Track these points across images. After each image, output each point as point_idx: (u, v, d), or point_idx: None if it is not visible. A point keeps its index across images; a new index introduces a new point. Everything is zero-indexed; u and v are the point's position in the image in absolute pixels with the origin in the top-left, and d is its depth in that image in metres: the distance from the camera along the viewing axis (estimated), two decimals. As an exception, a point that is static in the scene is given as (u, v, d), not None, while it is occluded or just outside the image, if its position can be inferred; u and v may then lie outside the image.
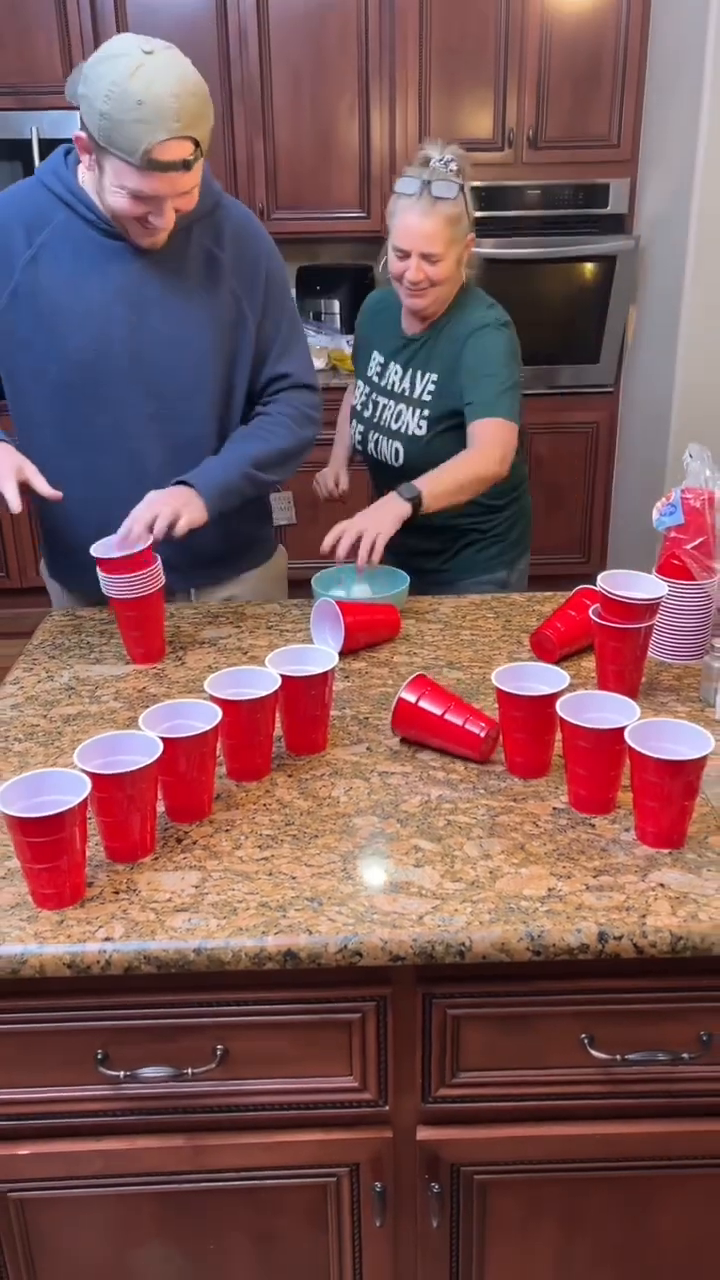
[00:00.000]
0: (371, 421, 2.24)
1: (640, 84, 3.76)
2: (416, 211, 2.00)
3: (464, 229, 2.05)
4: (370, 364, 2.27)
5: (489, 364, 2.07)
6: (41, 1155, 1.24)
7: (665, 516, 1.67)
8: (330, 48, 3.78)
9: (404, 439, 2.17)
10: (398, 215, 2.04)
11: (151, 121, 1.50)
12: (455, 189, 2.00)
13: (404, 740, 1.46)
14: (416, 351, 2.17)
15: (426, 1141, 1.26)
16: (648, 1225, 1.31)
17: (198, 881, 1.20)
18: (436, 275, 2.05)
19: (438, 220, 2.00)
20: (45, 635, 1.82)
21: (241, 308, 1.79)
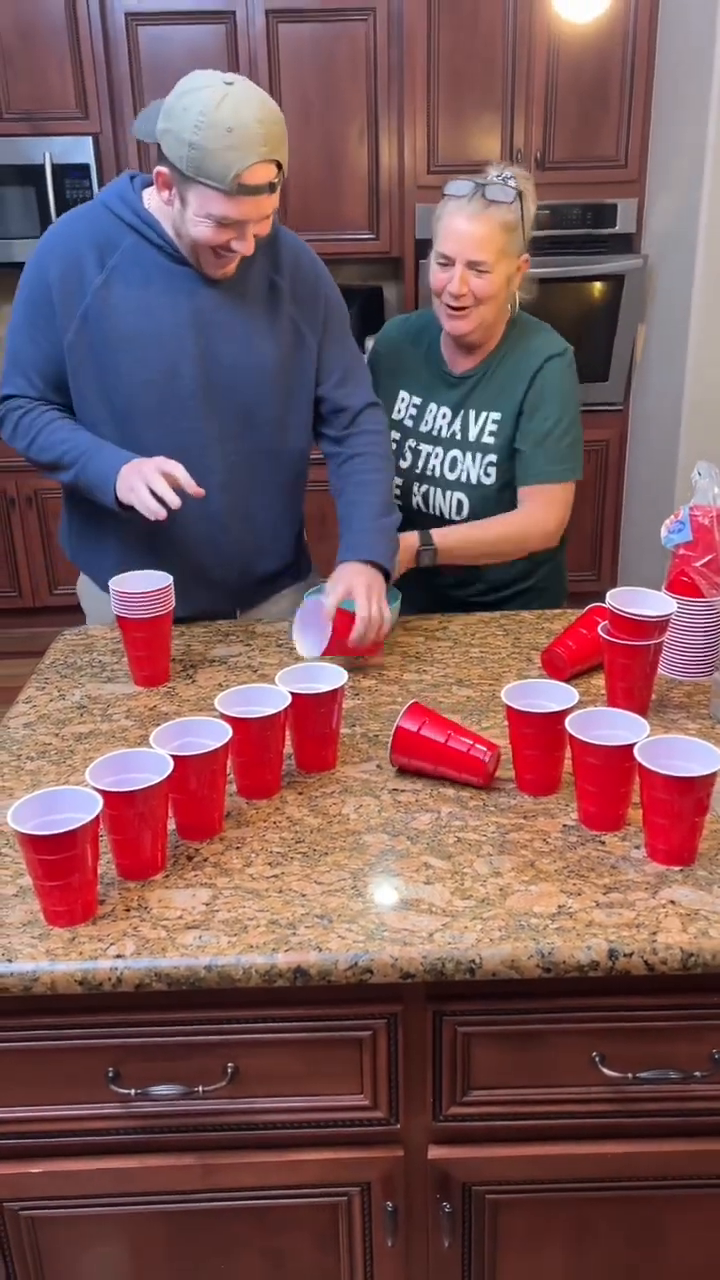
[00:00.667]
0: (414, 473, 2.01)
1: (647, 104, 3.79)
2: (466, 214, 1.81)
3: (518, 243, 1.85)
4: (399, 405, 2.03)
5: (555, 409, 1.90)
6: (53, 1174, 1.24)
7: (674, 534, 1.67)
8: (339, 74, 3.83)
9: (467, 489, 1.96)
10: (444, 218, 1.84)
11: (241, 148, 1.54)
12: (512, 194, 1.82)
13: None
14: (470, 391, 1.95)
15: (438, 1160, 1.25)
16: (660, 1246, 1.30)
17: (208, 899, 1.20)
18: (482, 290, 1.83)
19: (489, 224, 1.80)
20: (57, 655, 1.83)
21: (302, 332, 1.82)
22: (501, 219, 1.81)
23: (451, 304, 1.85)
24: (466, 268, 1.82)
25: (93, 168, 3.85)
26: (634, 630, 1.48)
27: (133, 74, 3.77)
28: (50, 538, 4.10)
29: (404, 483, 2.03)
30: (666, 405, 3.70)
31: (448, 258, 1.84)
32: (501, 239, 1.82)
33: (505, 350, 1.95)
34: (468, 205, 1.81)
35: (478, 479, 1.95)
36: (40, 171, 3.84)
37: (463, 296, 1.84)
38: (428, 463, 1.99)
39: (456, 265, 1.82)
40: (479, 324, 1.88)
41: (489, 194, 1.81)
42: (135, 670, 1.70)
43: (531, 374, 1.91)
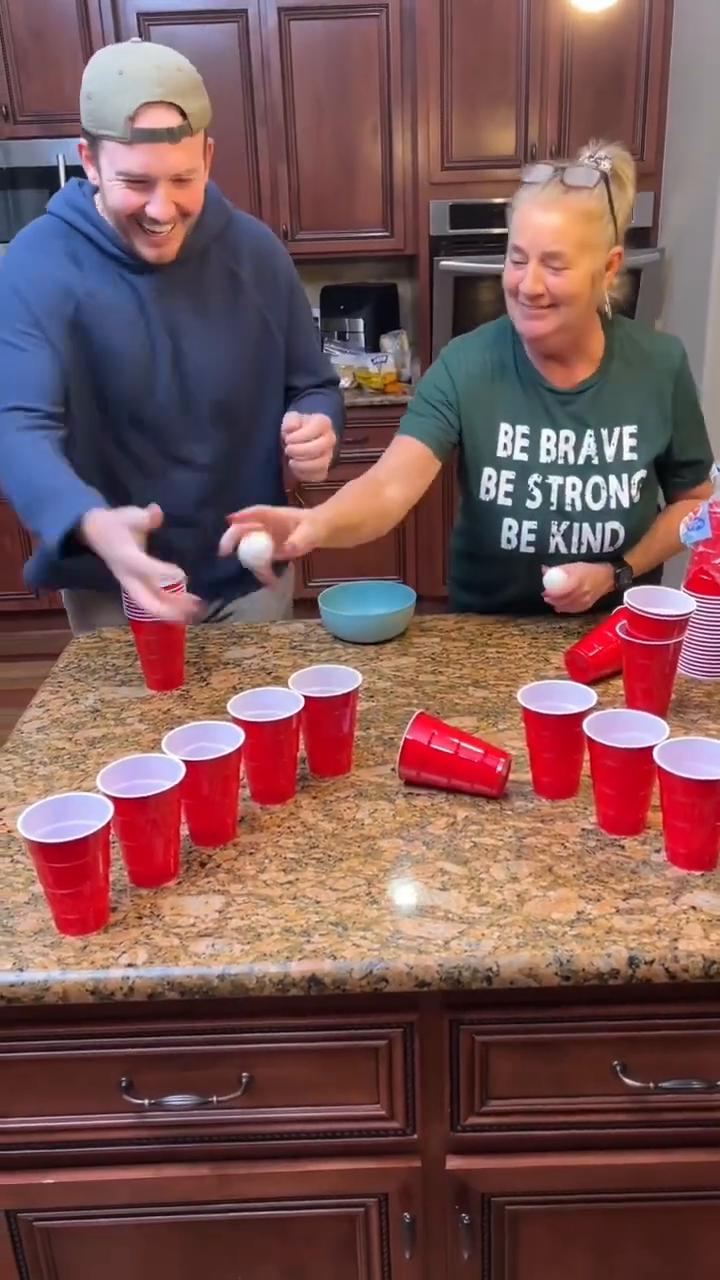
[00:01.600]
0: (549, 510, 1.76)
1: (663, 97, 3.76)
2: (541, 202, 1.59)
3: (605, 235, 1.62)
4: (501, 441, 1.77)
5: (694, 408, 1.80)
6: (66, 1184, 1.22)
7: (693, 531, 1.65)
8: (352, 71, 3.81)
9: (621, 515, 1.76)
10: (518, 208, 1.63)
11: (132, 89, 1.52)
12: (595, 177, 1.59)
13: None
14: (590, 405, 1.75)
15: (456, 1171, 1.23)
16: (684, 1257, 1.28)
17: (221, 906, 1.19)
18: (560, 290, 1.61)
19: (568, 213, 1.57)
20: (70, 658, 1.82)
21: (267, 322, 1.80)
22: (582, 207, 1.58)
23: (526, 304, 1.65)
24: (541, 264, 1.60)
25: (106, 169, 3.85)
26: (653, 630, 1.46)
27: (145, 74, 3.76)
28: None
29: (538, 525, 1.77)
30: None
31: (522, 251, 1.62)
32: (582, 230, 1.59)
33: (619, 356, 1.76)
34: (542, 193, 1.59)
35: (630, 501, 1.76)
36: (54, 174, 3.84)
37: (539, 297, 1.62)
38: (564, 497, 1.75)
39: (531, 260, 1.61)
40: (559, 327, 1.65)
41: (568, 178, 1.58)
42: (148, 673, 1.69)
43: (674, 375, 1.77)
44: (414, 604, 1.83)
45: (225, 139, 3.86)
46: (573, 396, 1.76)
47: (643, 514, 1.80)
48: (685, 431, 1.81)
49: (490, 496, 1.79)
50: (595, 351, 1.76)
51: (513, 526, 1.78)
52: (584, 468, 1.76)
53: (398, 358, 4.16)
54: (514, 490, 1.77)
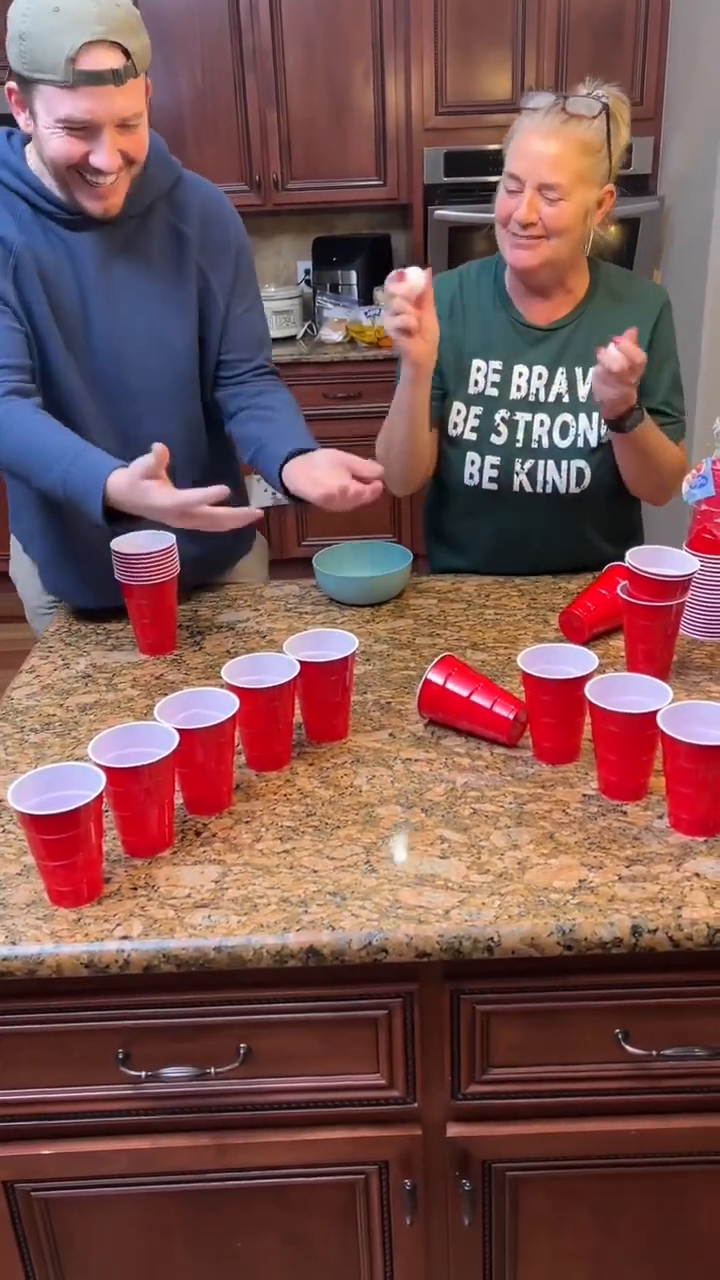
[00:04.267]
0: (515, 447, 1.74)
1: (663, 39, 3.65)
2: (541, 130, 1.57)
3: (601, 169, 1.61)
4: (474, 377, 1.75)
5: (669, 355, 1.73)
6: (64, 1155, 1.22)
7: (695, 489, 1.61)
8: (343, 13, 3.70)
9: (588, 455, 1.73)
10: (517, 135, 1.61)
11: (71, 27, 1.40)
12: (597, 108, 1.58)
13: (429, 724, 1.42)
14: (566, 343, 1.73)
15: (457, 1138, 1.22)
16: (684, 1223, 1.28)
17: (217, 876, 1.17)
18: (554, 220, 1.59)
19: (567, 143, 1.56)
20: (61, 622, 1.79)
21: (210, 285, 1.68)
22: (582, 138, 1.57)
23: (519, 233, 1.62)
24: (537, 192, 1.58)
25: (91, 116, 3.74)
26: (655, 590, 1.43)
27: (129, 16, 3.65)
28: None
29: (501, 461, 1.75)
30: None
31: (518, 179, 1.59)
32: (580, 161, 1.57)
33: (600, 297, 1.73)
34: (544, 120, 1.57)
35: (597, 441, 1.72)
36: None
37: (531, 225, 1.60)
38: (530, 433, 1.73)
39: (526, 189, 1.59)
40: (547, 260, 1.64)
41: (570, 107, 1.57)
42: (140, 637, 1.65)
43: (653, 323, 1.72)
44: (410, 564, 1.80)
45: (212, 83, 3.76)
46: (548, 333, 1.74)
47: (608, 457, 1.74)
48: (655, 380, 1.72)
49: (457, 431, 1.77)
50: (577, 290, 1.74)
51: (475, 461, 1.76)
52: (554, 405, 1.74)
53: (391, 311, 4.08)
54: (480, 425, 1.75)
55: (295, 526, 4.06)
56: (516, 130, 1.62)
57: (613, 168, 1.64)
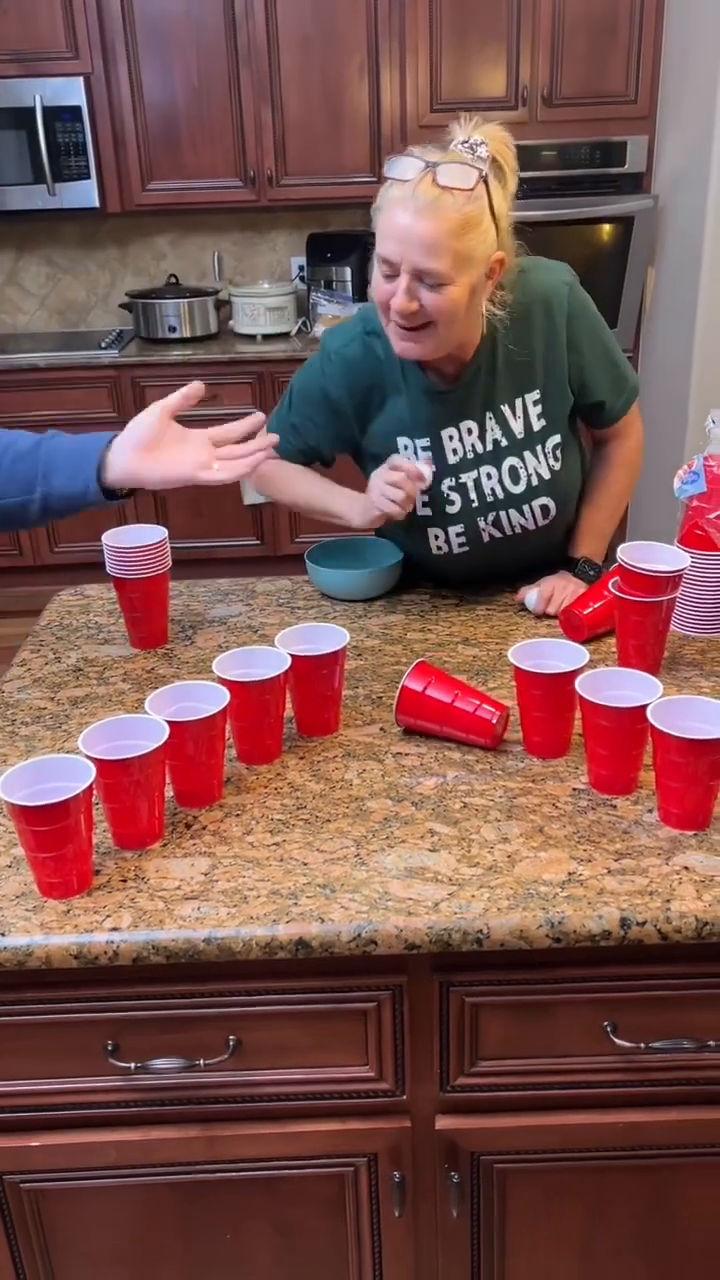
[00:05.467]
0: (473, 508, 1.65)
1: (658, 36, 3.66)
2: (410, 207, 1.37)
3: (486, 241, 1.41)
4: (403, 455, 1.62)
5: (595, 340, 1.61)
6: (53, 1147, 1.22)
7: (687, 485, 1.62)
8: (338, 9, 3.69)
9: (546, 487, 1.64)
10: (384, 209, 1.41)
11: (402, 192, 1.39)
12: (473, 176, 1.37)
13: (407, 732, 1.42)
14: (482, 389, 1.59)
15: (445, 1131, 1.23)
16: (672, 1214, 1.28)
17: (207, 868, 1.17)
18: (437, 308, 1.42)
19: (441, 222, 1.36)
20: (52, 616, 1.78)
21: None
22: (459, 214, 1.37)
23: (400, 323, 1.45)
24: (413, 278, 1.40)
25: (84, 110, 3.74)
26: (646, 586, 1.43)
27: (125, 11, 3.64)
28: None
29: (465, 526, 1.67)
30: (677, 351, 3.60)
31: (391, 265, 1.41)
32: (460, 241, 1.38)
33: (504, 325, 1.55)
34: (412, 195, 1.37)
35: (550, 471, 1.64)
36: (31, 114, 3.73)
37: (412, 315, 1.42)
38: (482, 489, 1.64)
39: (402, 274, 1.40)
40: (436, 348, 1.48)
41: (442, 178, 1.36)
42: (132, 631, 1.65)
43: (565, 320, 1.58)
44: (402, 560, 1.80)
45: (207, 80, 3.76)
46: (462, 389, 1.60)
47: (568, 477, 1.68)
48: (590, 366, 1.62)
49: (417, 505, 1.64)
50: (477, 336, 1.56)
51: (439, 535, 1.69)
52: (494, 453, 1.63)
53: (386, 308, 4.09)
54: (430, 501, 1.65)
55: (288, 522, 4.06)
56: (383, 203, 1.42)
57: (501, 231, 1.44)
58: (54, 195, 3.86)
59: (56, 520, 1.49)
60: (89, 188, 3.85)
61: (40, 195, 3.86)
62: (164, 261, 4.34)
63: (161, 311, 4.02)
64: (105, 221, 4.22)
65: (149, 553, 1.58)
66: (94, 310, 4.40)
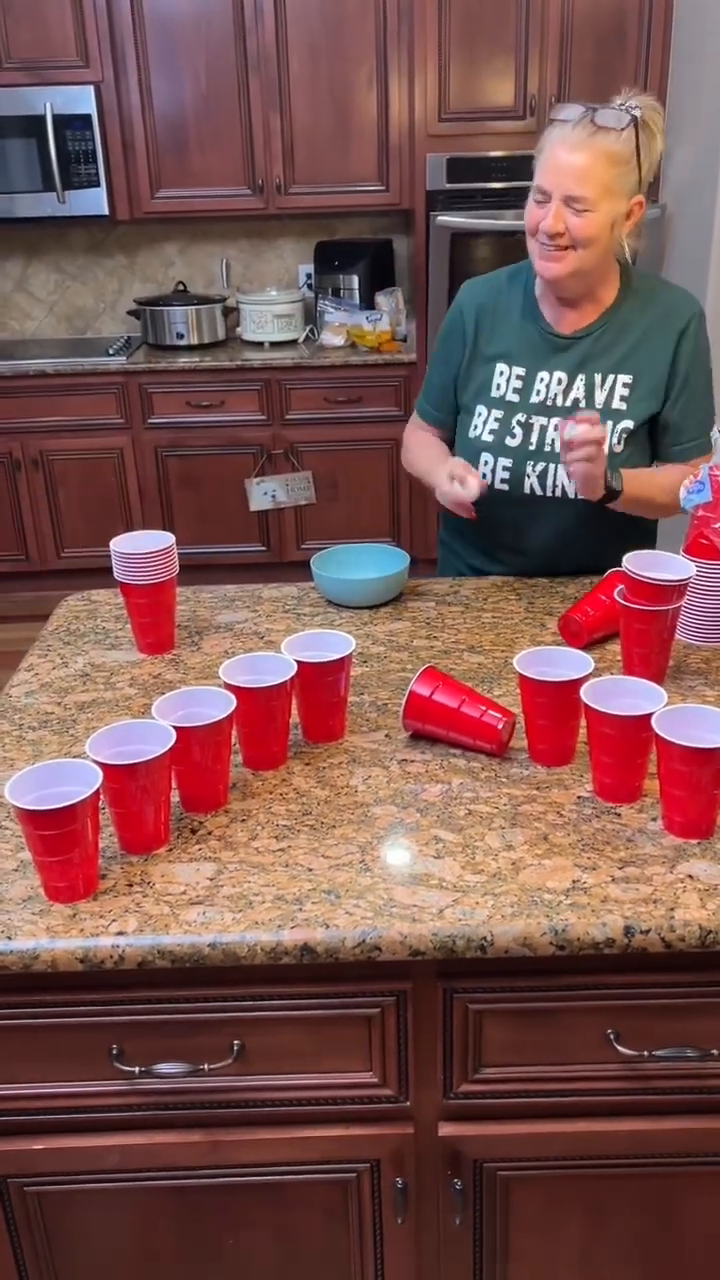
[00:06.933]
0: (528, 450, 1.76)
1: (666, 47, 3.67)
2: (569, 142, 1.58)
3: (630, 180, 1.61)
4: (497, 381, 1.79)
5: (698, 370, 1.74)
6: (57, 1150, 1.22)
7: (693, 495, 1.62)
8: (347, 17, 3.71)
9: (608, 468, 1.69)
10: (545, 148, 1.62)
11: None
12: (626, 120, 1.58)
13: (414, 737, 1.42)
14: (589, 352, 1.74)
15: (448, 1137, 1.23)
16: (674, 1223, 1.28)
17: (212, 874, 1.17)
18: (580, 231, 1.61)
19: (594, 155, 1.57)
20: (60, 621, 1.79)
21: None
22: (609, 149, 1.58)
23: (546, 244, 1.63)
24: (564, 204, 1.60)
25: (95, 119, 3.76)
26: (651, 595, 1.44)
27: (135, 19, 3.66)
28: (56, 499, 4.05)
29: (514, 463, 1.77)
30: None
31: (545, 192, 1.61)
32: (607, 173, 1.58)
33: (629, 305, 1.74)
34: (572, 132, 1.58)
35: (609, 449, 1.71)
36: (41, 123, 3.75)
37: (558, 236, 1.61)
38: (544, 437, 1.75)
39: (553, 200, 1.60)
40: (575, 270, 1.65)
41: (599, 119, 1.58)
42: (139, 637, 1.66)
43: (678, 334, 1.73)
44: (407, 567, 1.81)
45: (216, 87, 3.78)
46: (571, 341, 1.76)
47: (623, 468, 1.71)
48: (678, 393, 1.75)
49: (476, 433, 1.81)
50: (606, 299, 1.75)
51: (489, 461, 1.79)
52: (569, 409, 1.74)
53: (392, 315, 4.09)
54: (498, 428, 1.79)
55: (294, 529, 4.07)
56: (545, 142, 1.63)
57: (642, 179, 1.64)
58: (63, 203, 3.88)
59: None
60: (98, 195, 3.87)
61: (50, 203, 3.89)
62: (172, 269, 4.35)
63: (169, 318, 4.04)
64: (114, 229, 4.24)
65: (156, 559, 1.59)
66: (102, 317, 4.41)
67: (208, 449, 4.02)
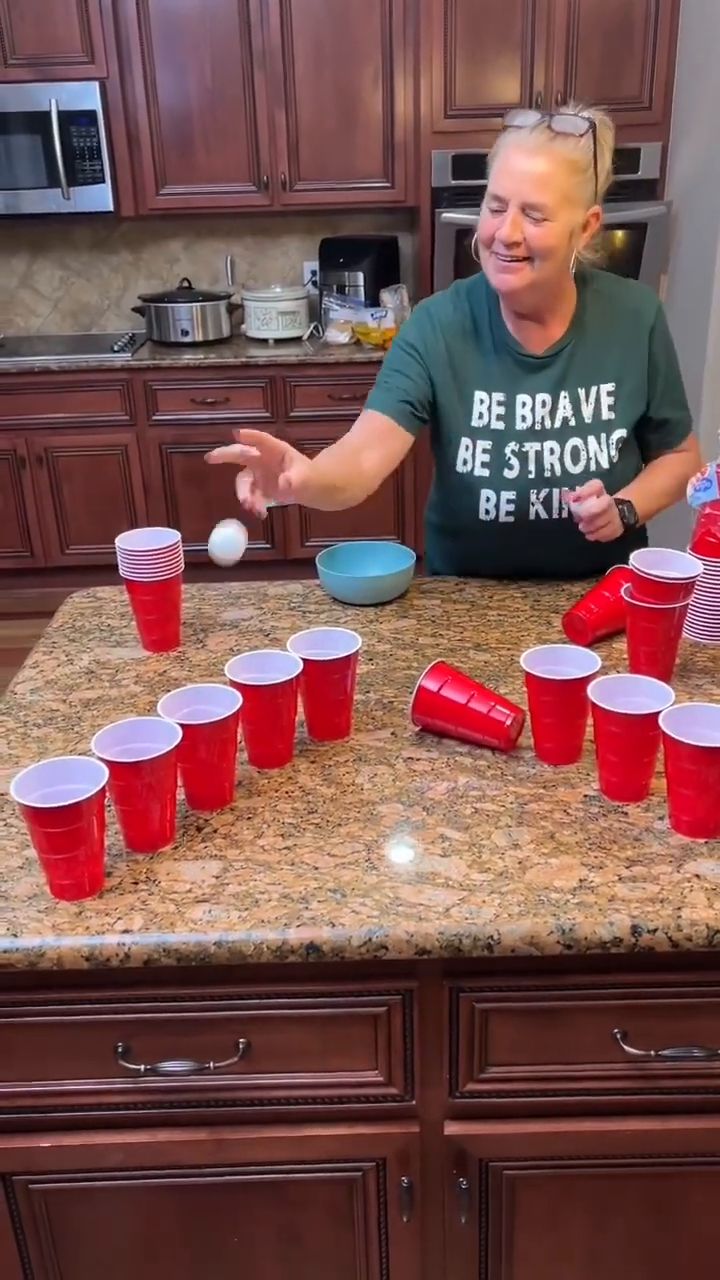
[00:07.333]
0: (529, 479, 1.72)
1: (673, 42, 3.66)
2: (526, 148, 1.53)
3: (587, 190, 1.56)
4: (477, 409, 1.72)
5: (670, 361, 1.74)
6: (62, 1148, 1.22)
7: (700, 492, 1.61)
8: (353, 14, 3.70)
9: (601, 476, 1.69)
10: (500, 154, 1.57)
11: None
12: (584, 125, 1.53)
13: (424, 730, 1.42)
14: (566, 367, 1.70)
15: (454, 1136, 1.23)
16: (680, 1223, 1.28)
17: (218, 872, 1.17)
18: (539, 241, 1.55)
19: (553, 161, 1.52)
20: (65, 618, 1.79)
21: None
22: (567, 156, 1.53)
23: (502, 254, 1.58)
24: (521, 212, 1.54)
25: (100, 115, 3.75)
26: (658, 593, 1.43)
27: (140, 15, 3.66)
28: (61, 495, 4.05)
29: (517, 494, 1.73)
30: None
31: (501, 200, 1.56)
32: (566, 180, 1.53)
33: (593, 313, 1.70)
34: (529, 137, 1.53)
35: (609, 462, 1.71)
36: (46, 119, 3.75)
37: (515, 246, 1.56)
38: (542, 463, 1.71)
39: (510, 208, 1.55)
40: (532, 283, 1.60)
41: (556, 124, 1.53)
42: (144, 634, 1.66)
43: (648, 331, 1.71)
44: (413, 565, 1.80)
45: (221, 83, 3.77)
46: (547, 360, 1.70)
47: (622, 476, 1.74)
48: (660, 388, 1.74)
49: (467, 468, 1.74)
50: (568, 312, 1.70)
51: (490, 498, 1.74)
52: (561, 430, 1.71)
53: (397, 313, 4.08)
54: (491, 460, 1.72)
55: (299, 526, 4.07)
56: (500, 148, 1.57)
57: (599, 190, 1.59)
58: (68, 199, 3.88)
59: None
60: (103, 191, 3.87)
61: (54, 199, 3.88)
62: (177, 265, 4.35)
63: (174, 315, 4.03)
64: (119, 225, 4.24)
65: (162, 556, 1.59)
66: (107, 313, 4.41)
67: (212, 446, 3.99)
